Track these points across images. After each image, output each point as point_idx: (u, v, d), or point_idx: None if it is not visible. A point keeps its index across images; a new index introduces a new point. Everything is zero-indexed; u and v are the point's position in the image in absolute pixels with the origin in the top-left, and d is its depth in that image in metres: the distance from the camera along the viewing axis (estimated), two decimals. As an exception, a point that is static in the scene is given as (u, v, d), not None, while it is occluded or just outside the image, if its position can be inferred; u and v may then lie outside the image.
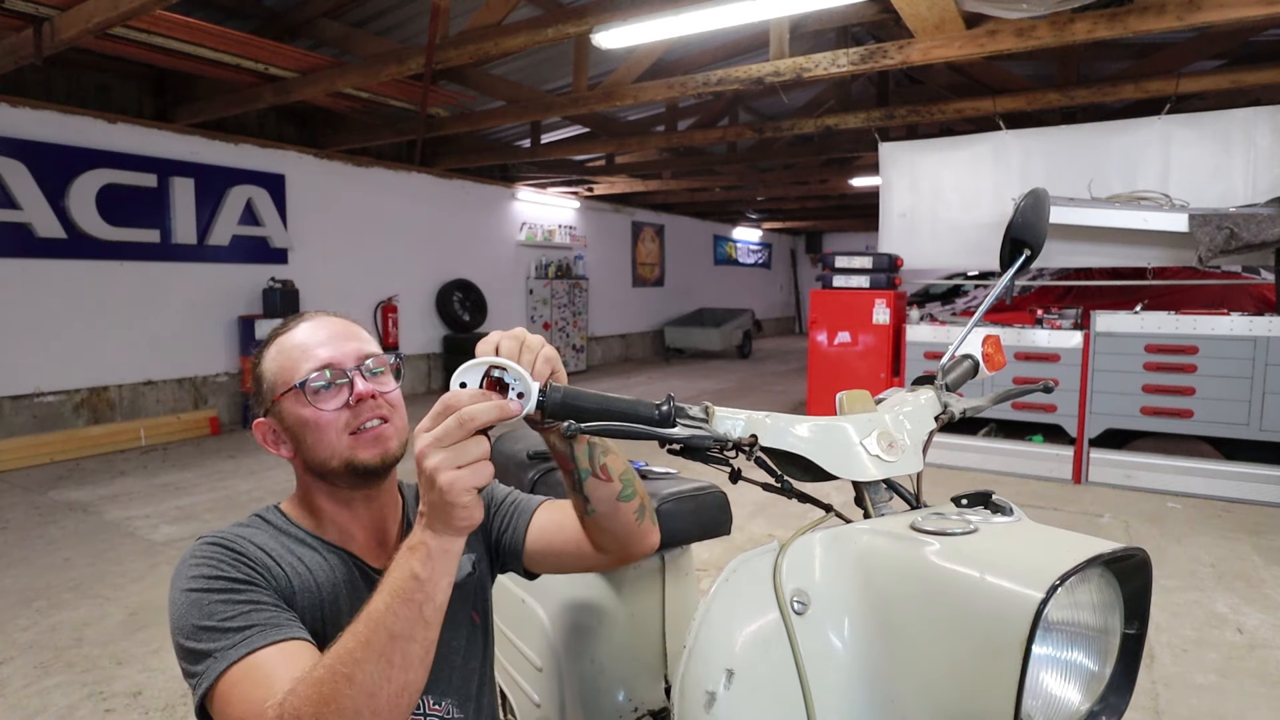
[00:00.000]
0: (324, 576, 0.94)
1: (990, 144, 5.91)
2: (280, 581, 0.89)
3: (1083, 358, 4.88)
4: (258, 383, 0.97)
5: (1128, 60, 5.75)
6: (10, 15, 4.02)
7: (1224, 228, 4.41)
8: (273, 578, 0.89)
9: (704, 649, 0.83)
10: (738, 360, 12.42)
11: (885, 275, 5.89)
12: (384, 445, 0.94)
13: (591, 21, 4.00)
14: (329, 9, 5.39)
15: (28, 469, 5.31)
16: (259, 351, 0.98)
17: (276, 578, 0.89)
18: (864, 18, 4.92)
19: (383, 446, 0.94)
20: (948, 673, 0.74)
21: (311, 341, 0.94)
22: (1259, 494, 4.45)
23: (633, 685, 1.39)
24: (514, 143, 8.72)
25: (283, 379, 0.93)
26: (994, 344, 1.16)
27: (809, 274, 18.98)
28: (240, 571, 0.86)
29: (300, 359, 0.93)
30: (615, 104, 5.60)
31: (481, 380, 0.79)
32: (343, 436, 0.92)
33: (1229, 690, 2.48)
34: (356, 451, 0.92)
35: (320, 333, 0.95)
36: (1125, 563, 0.74)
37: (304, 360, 0.93)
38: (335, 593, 0.93)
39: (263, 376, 0.96)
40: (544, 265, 10.41)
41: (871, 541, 0.84)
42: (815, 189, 10.62)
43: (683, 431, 0.87)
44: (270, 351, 0.96)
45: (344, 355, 0.94)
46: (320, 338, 0.95)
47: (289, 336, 0.96)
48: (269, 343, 0.97)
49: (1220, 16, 3.60)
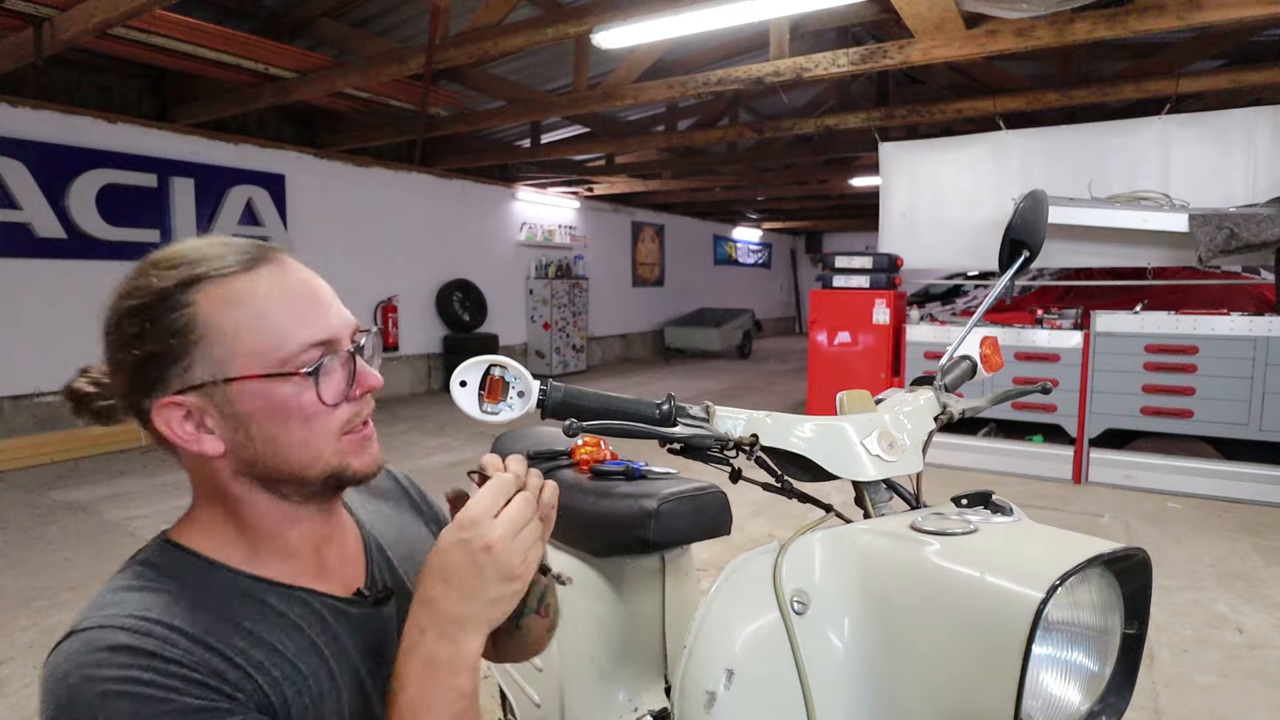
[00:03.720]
0: (304, 658, 0.66)
1: (990, 144, 5.91)
2: (248, 692, 0.61)
3: (1083, 358, 4.88)
4: (169, 336, 0.63)
5: (1128, 60, 5.75)
6: (10, 15, 4.02)
7: (1224, 228, 4.41)
8: (236, 691, 0.59)
9: (704, 649, 0.83)
10: (738, 360, 12.41)
11: (885, 275, 5.89)
12: (375, 450, 0.72)
13: (591, 21, 4.00)
14: (329, 9, 5.40)
15: (27, 469, 5.30)
16: (163, 287, 0.64)
17: (243, 690, 0.60)
18: (864, 18, 4.92)
19: (374, 452, 0.72)
20: (948, 672, 0.74)
21: (304, 299, 0.68)
22: (1259, 494, 4.45)
23: (633, 685, 1.38)
24: (514, 143, 8.72)
25: (260, 346, 0.65)
26: (992, 345, 1.16)
27: (809, 274, 18.97)
28: (191, 702, 0.56)
29: (294, 322, 0.66)
30: (615, 104, 5.60)
31: (482, 379, 0.79)
32: (336, 438, 0.68)
33: (1229, 690, 2.48)
34: (349, 458, 0.69)
35: (304, 289, 0.68)
36: (1125, 563, 0.74)
37: (300, 325, 0.66)
38: (321, 669, 0.67)
39: (192, 329, 0.64)
40: (544, 265, 10.41)
41: (871, 541, 0.84)
42: (815, 189, 10.62)
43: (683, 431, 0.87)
44: (214, 294, 0.64)
45: (344, 325, 0.70)
46: (309, 295, 0.68)
47: (254, 280, 0.66)
48: (198, 279, 0.64)
49: (1220, 16, 3.60)
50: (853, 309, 5.91)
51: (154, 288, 0.64)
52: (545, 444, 1.54)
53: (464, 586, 0.64)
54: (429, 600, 0.65)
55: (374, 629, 0.74)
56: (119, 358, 0.66)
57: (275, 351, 0.65)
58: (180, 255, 0.66)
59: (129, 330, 0.65)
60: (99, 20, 3.75)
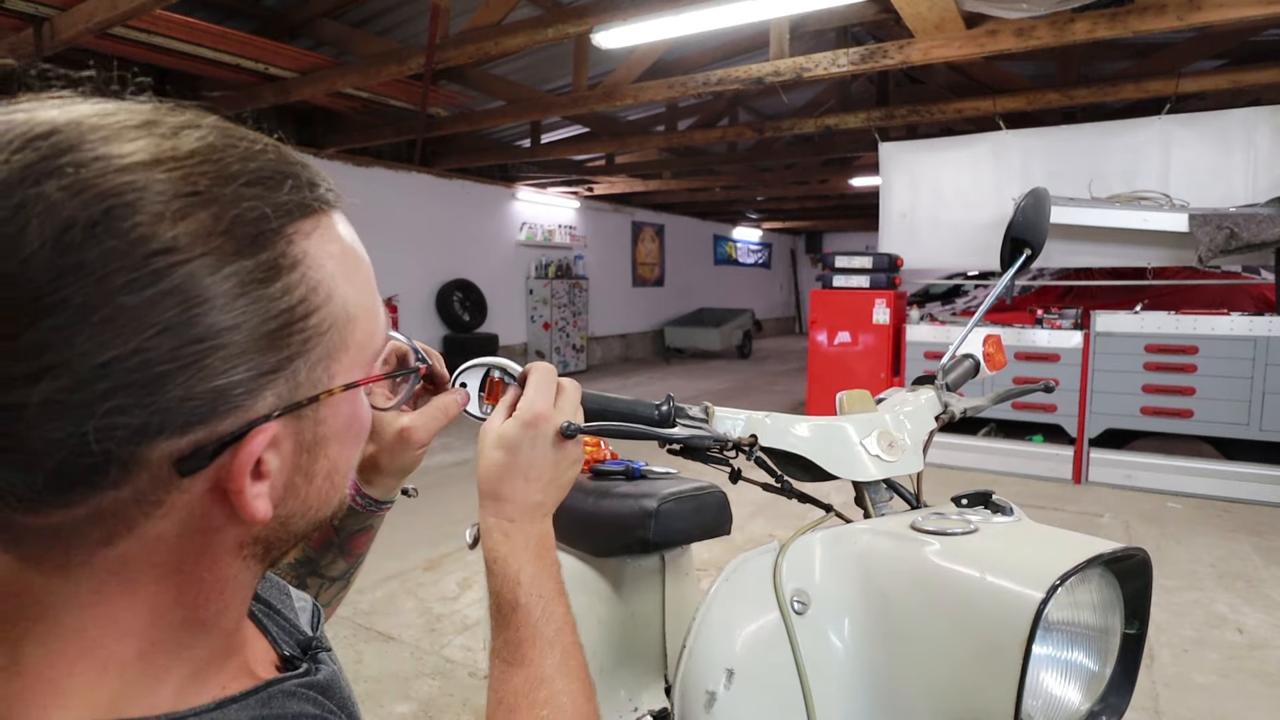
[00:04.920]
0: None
1: (990, 144, 5.91)
2: None
3: (1083, 358, 4.88)
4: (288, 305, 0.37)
5: (1128, 60, 5.75)
6: (10, 15, 4.02)
7: (1224, 228, 4.41)
8: None
9: (704, 649, 0.83)
10: (738, 360, 12.41)
11: (885, 275, 5.89)
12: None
13: (591, 21, 4.00)
14: (329, 9, 5.39)
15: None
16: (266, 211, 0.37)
17: None
18: (864, 18, 4.91)
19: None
20: (948, 673, 0.74)
21: (367, 265, 0.45)
22: (1259, 494, 4.45)
23: (633, 685, 1.38)
24: (514, 143, 8.72)
25: (369, 331, 0.44)
26: (995, 343, 1.16)
27: (809, 274, 18.97)
28: None
29: (375, 310, 0.44)
30: (615, 104, 5.60)
31: (483, 380, 0.79)
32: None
33: (1229, 690, 2.48)
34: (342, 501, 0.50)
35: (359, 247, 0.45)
36: (1125, 563, 0.74)
37: (377, 304, 0.45)
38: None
39: (301, 308, 0.38)
40: (544, 265, 10.41)
41: (871, 541, 0.84)
42: (815, 189, 10.62)
43: (683, 431, 0.87)
44: (320, 239, 0.40)
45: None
46: (365, 259, 0.45)
47: (340, 222, 0.43)
48: (299, 208, 0.39)
49: (1220, 16, 3.60)
50: (853, 309, 5.91)
51: (245, 217, 0.36)
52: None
53: (542, 476, 0.66)
54: (508, 497, 0.65)
55: (335, 683, 0.52)
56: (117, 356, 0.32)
57: (374, 341, 0.45)
58: (222, 150, 0.37)
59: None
60: (99, 20, 3.74)
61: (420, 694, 2.47)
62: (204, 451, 0.36)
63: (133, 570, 0.38)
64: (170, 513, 0.37)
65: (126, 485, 0.35)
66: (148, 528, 0.37)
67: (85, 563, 0.37)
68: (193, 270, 0.33)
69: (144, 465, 0.35)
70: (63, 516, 0.35)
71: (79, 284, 0.31)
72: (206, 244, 0.34)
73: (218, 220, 0.35)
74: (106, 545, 0.37)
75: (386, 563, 3.51)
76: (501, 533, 0.65)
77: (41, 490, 0.33)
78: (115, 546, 0.37)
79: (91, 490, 0.34)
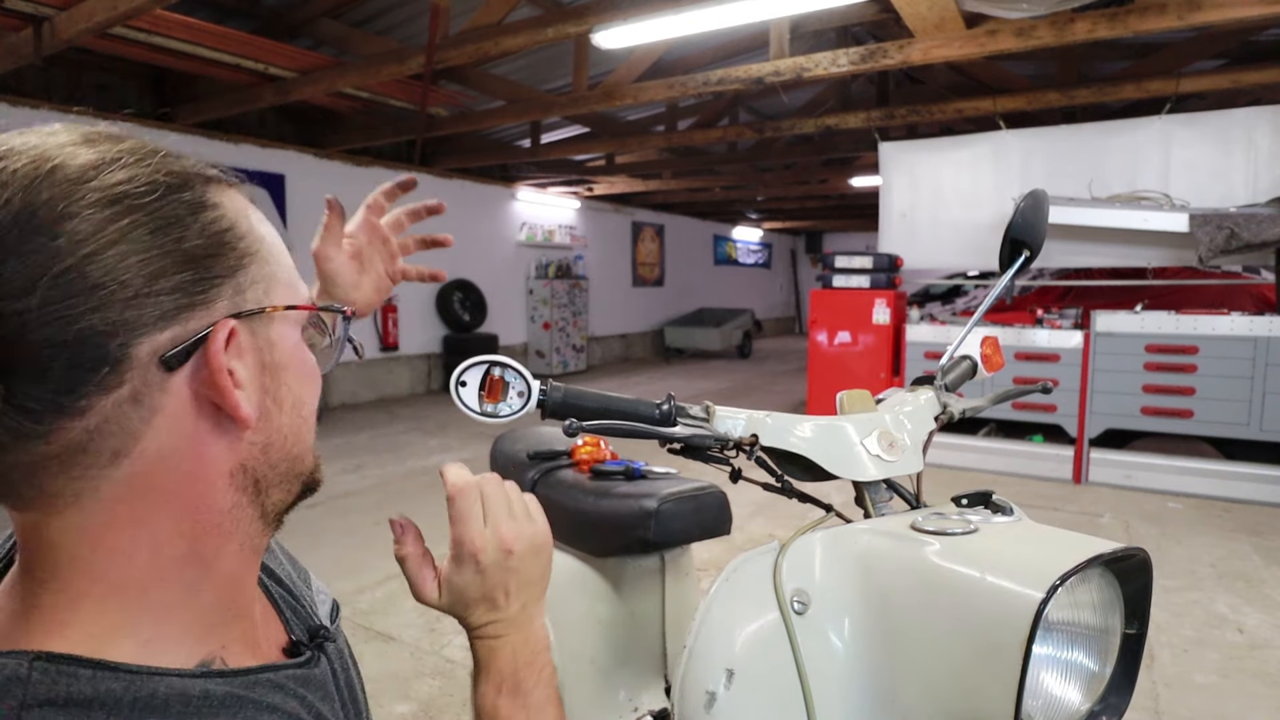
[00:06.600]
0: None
1: (990, 144, 5.91)
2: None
3: (1083, 358, 4.88)
4: (208, 238, 0.43)
5: (1128, 60, 5.75)
6: (10, 15, 4.02)
7: (1224, 228, 4.41)
8: None
9: (704, 649, 0.83)
10: (738, 360, 12.41)
11: (885, 275, 5.90)
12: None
13: (591, 21, 4.00)
14: (329, 9, 5.39)
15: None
16: (183, 171, 0.45)
17: None
18: (864, 18, 4.92)
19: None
20: (948, 673, 0.74)
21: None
22: (1259, 494, 4.45)
23: (633, 685, 1.38)
24: (514, 143, 8.72)
25: (290, 278, 0.49)
26: (992, 345, 1.16)
27: (809, 274, 18.96)
28: None
29: (294, 270, 0.51)
30: (615, 104, 5.60)
31: (483, 379, 0.79)
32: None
33: (1229, 690, 2.48)
34: (316, 460, 0.53)
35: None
36: (1126, 563, 0.74)
37: (297, 275, 0.51)
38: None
39: (234, 231, 0.45)
40: (544, 265, 10.41)
41: (871, 541, 0.84)
42: (815, 189, 10.62)
43: (683, 431, 0.87)
44: (235, 199, 0.48)
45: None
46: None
47: (251, 206, 0.50)
48: (210, 179, 0.46)
49: (1220, 16, 3.60)
50: (853, 309, 5.92)
51: (171, 171, 0.43)
52: (545, 444, 1.54)
53: (515, 590, 0.62)
54: (489, 621, 0.62)
55: (332, 679, 0.54)
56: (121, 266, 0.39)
57: (301, 289, 0.50)
58: (146, 144, 0.44)
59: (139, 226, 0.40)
60: (99, 20, 3.74)
61: (420, 694, 2.47)
62: (182, 349, 0.41)
63: (137, 496, 0.42)
64: (166, 422, 0.42)
65: (125, 385, 0.40)
66: (149, 442, 0.41)
67: (95, 491, 0.41)
68: (139, 203, 0.40)
69: (135, 364, 0.40)
70: (78, 430, 0.39)
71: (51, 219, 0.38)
72: (149, 189, 0.41)
73: (155, 172, 0.42)
74: (114, 465, 0.41)
75: (386, 563, 3.51)
76: (491, 640, 0.62)
77: (55, 394, 0.38)
78: (121, 467, 0.41)
79: (97, 391, 0.39)
